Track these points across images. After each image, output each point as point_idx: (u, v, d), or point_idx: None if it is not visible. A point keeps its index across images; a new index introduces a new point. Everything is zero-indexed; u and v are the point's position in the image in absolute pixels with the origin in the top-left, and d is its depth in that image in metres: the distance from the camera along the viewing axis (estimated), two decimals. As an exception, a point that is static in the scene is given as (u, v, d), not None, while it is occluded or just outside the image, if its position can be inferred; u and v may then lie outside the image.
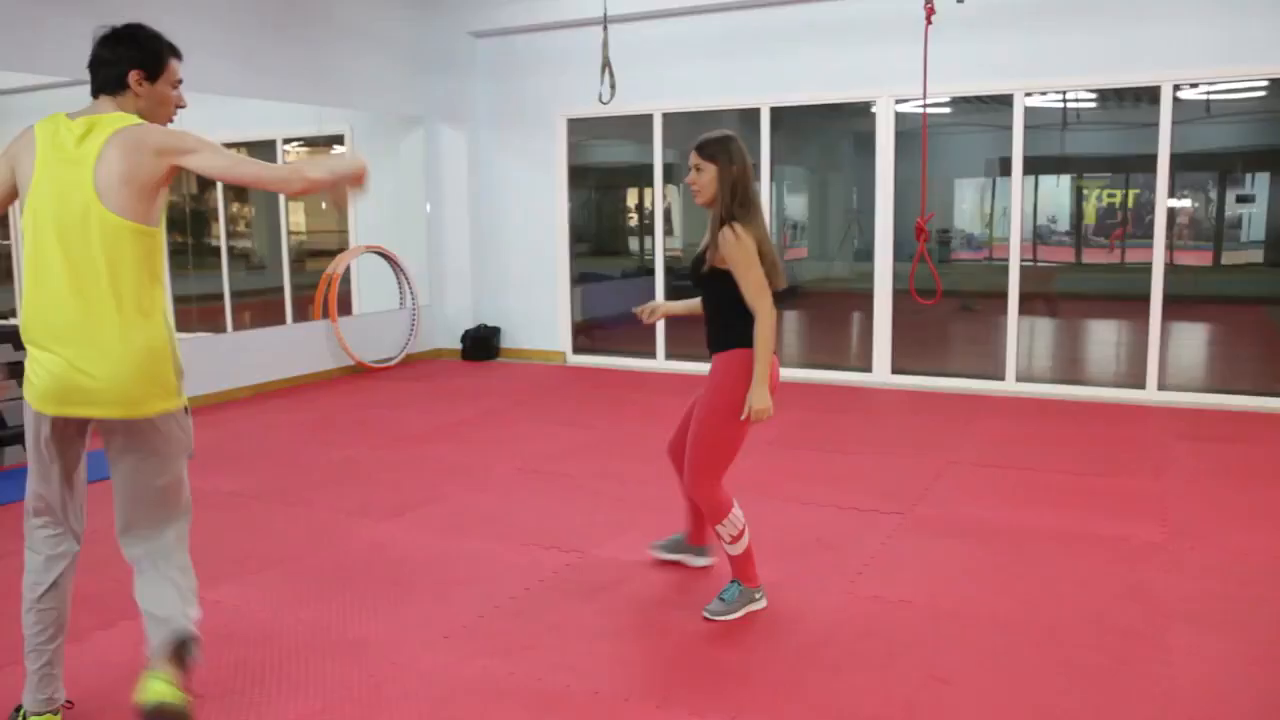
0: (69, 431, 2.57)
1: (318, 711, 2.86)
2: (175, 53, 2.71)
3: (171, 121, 2.71)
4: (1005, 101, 7.39)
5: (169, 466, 2.61)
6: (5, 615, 3.53)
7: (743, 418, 3.32)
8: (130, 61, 2.58)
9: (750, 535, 3.51)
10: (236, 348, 7.86)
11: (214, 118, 9.37)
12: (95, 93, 2.61)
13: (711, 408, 3.42)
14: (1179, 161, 7.15)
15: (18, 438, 5.70)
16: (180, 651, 2.49)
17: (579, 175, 9.34)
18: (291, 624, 3.48)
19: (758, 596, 3.52)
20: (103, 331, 2.42)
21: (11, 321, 6.06)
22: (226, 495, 5.03)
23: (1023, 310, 7.49)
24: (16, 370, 5.74)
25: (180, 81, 2.72)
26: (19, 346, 5.75)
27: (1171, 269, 7.21)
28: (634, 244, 11.19)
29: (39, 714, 2.66)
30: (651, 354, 8.88)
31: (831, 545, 4.20)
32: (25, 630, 2.66)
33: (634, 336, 9.09)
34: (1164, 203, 6.94)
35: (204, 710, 2.87)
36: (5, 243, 12.01)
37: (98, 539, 3.92)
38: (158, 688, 2.40)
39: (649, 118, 8.60)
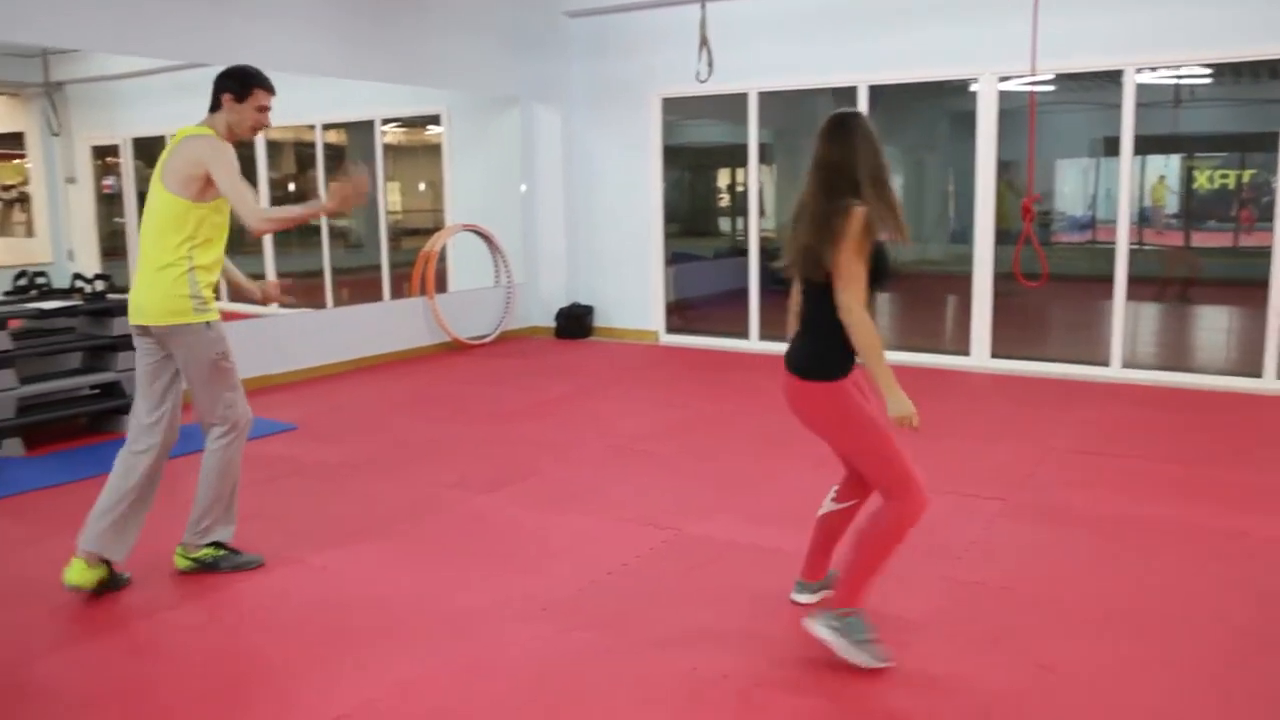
0: (142, 340, 3.54)
1: (418, 677, 2.93)
2: (264, 84, 3.59)
3: (253, 135, 3.66)
4: (1111, 78, 7.13)
5: (192, 365, 3.52)
6: (138, 568, 3.69)
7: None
8: (225, 89, 3.55)
9: (819, 532, 3.36)
10: (336, 323, 8.06)
11: (314, 100, 9.61)
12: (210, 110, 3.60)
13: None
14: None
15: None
16: (193, 549, 3.62)
17: (671, 155, 9.32)
18: (392, 592, 3.57)
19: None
20: (140, 268, 3.50)
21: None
22: (328, 466, 5.17)
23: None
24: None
25: (265, 108, 3.60)
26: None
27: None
28: (725, 224, 11.13)
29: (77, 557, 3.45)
30: (744, 334, 8.84)
31: (931, 530, 4.12)
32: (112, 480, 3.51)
33: (726, 317, 9.06)
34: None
35: (308, 673, 2.97)
36: (120, 220, 12.48)
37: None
38: (178, 559, 3.61)
39: (743, 97, 8.53)
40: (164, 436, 3.57)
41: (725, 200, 10.97)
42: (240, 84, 3.54)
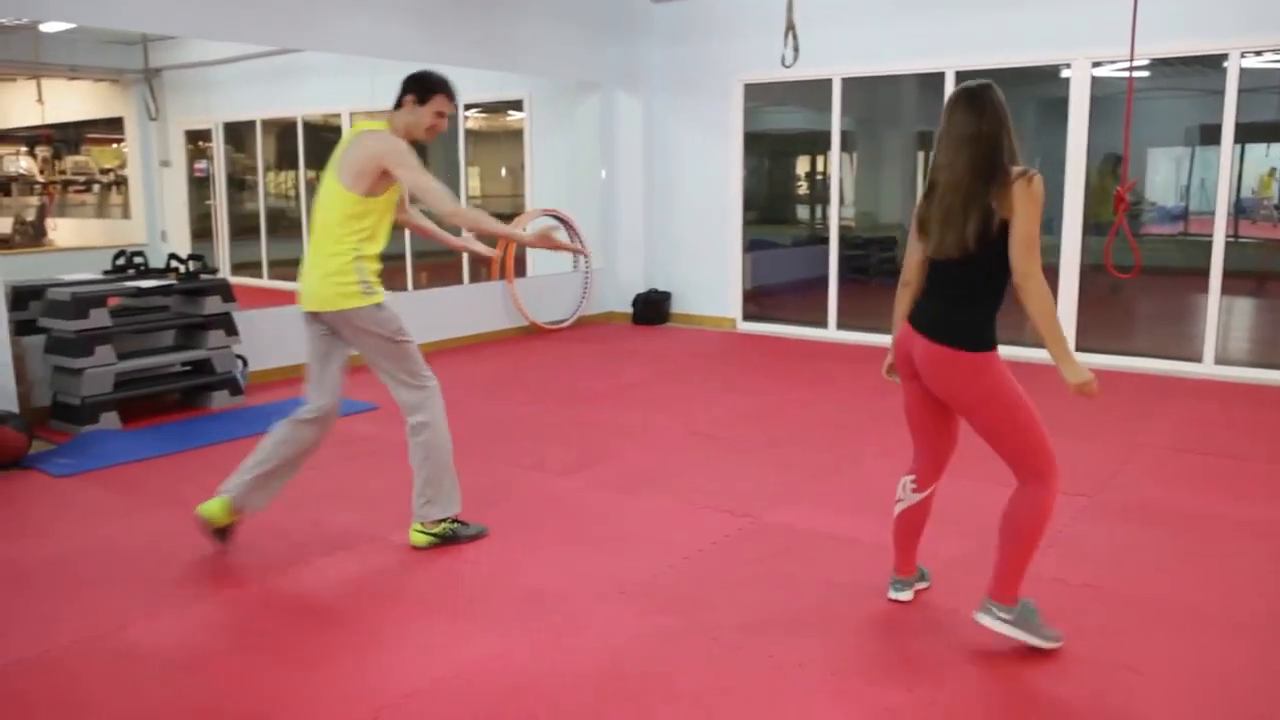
0: (312, 326, 3.72)
1: (498, 654, 2.97)
2: (447, 91, 3.75)
3: (429, 139, 3.79)
4: (1210, 64, 6.88)
5: (369, 346, 3.67)
6: (188, 553, 3.81)
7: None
8: (409, 90, 3.71)
9: (911, 527, 3.30)
10: (416, 306, 8.18)
11: (398, 85, 9.74)
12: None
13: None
14: None
15: (224, 384, 6.12)
16: (430, 525, 3.78)
17: (751, 141, 9.26)
18: (471, 571, 3.63)
19: (890, 583, 3.35)
20: (310, 257, 3.65)
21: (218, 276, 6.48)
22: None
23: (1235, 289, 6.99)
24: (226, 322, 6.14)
25: (443, 114, 3.74)
26: (227, 298, 6.16)
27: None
28: (804, 212, 11.03)
29: (220, 497, 3.68)
30: (823, 323, 8.76)
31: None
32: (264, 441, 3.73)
33: (804, 305, 8.99)
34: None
35: (384, 648, 3.03)
36: (210, 203, 12.82)
37: (292, 481, 4.14)
38: (413, 535, 3.79)
39: (827, 83, 8.43)
40: (324, 415, 3.75)
41: (804, 188, 10.86)
42: (424, 88, 3.69)
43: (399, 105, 3.71)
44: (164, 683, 2.83)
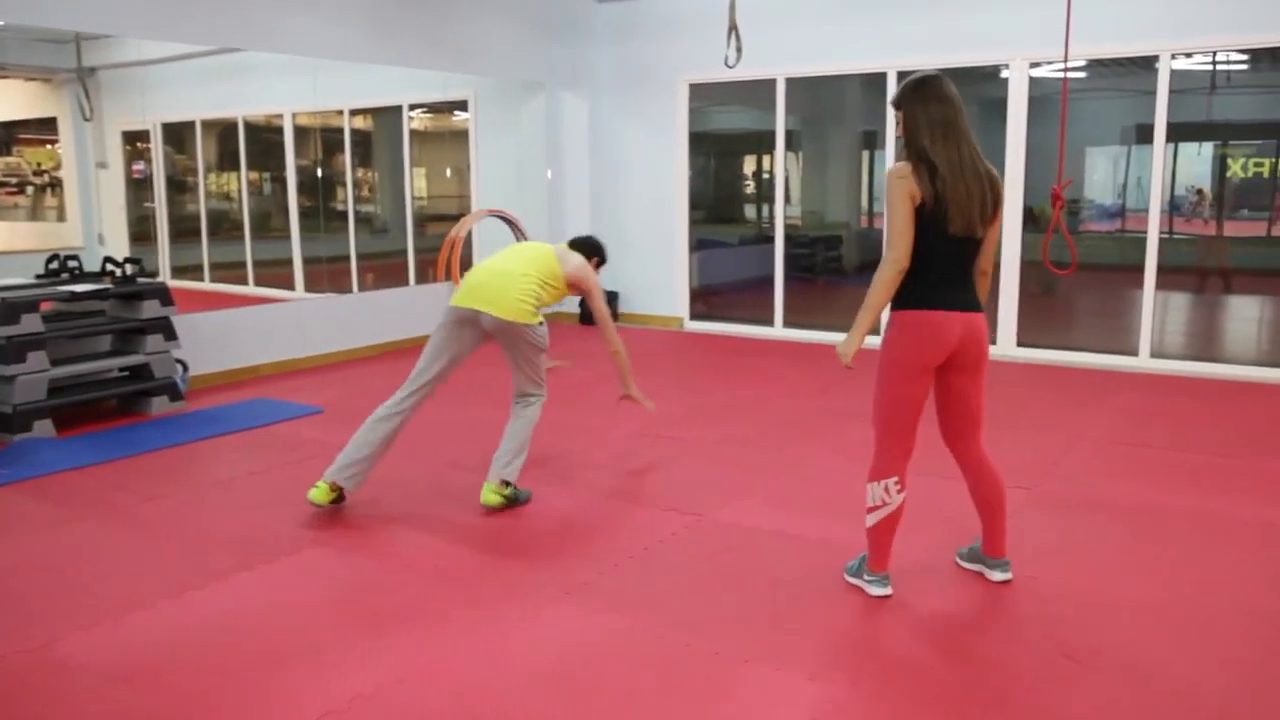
0: (461, 324, 4.39)
1: (443, 657, 2.95)
2: (605, 259, 4.84)
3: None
4: (1144, 65, 7.04)
5: (523, 350, 4.34)
6: (167, 547, 3.74)
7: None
8: (591, 254, 4.73)
9: (896, 525, 3.33)
10: (362, 308, 8.11)
11: (343, 84, 9.64)
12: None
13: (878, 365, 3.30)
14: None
15: (164, 389, 6.01)
16: (502, 486, 4.18)
17: (697, 141, 9.29)
18: (415, 575, 3.59)
19: (870, 580, 3.36)
20: (501, 276, 4.38)
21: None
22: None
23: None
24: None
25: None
26: (166, 302, 6.03)
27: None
28: (750, 211, 11.09)
29: (325, 483, 4.15)
30: (769, 321, 8.82)
31: (954, 519, 4.12)
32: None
33: (751, 303, 9.03)
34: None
35: (329, 653, 3.00)
36: (150, 205, 12.57)
37: (234, 485, 4.12)
38: (488, 495, 4.16)
39: (771, 83, 8.48)
40: (412, 408, 4.28)
41: (751, 187, 10.92)
42: (599, 253, 4.81)
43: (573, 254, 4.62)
44: (102, 697, 2.77)
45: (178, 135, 12.34)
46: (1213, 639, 3.06)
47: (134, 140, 12.64)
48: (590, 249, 4.73)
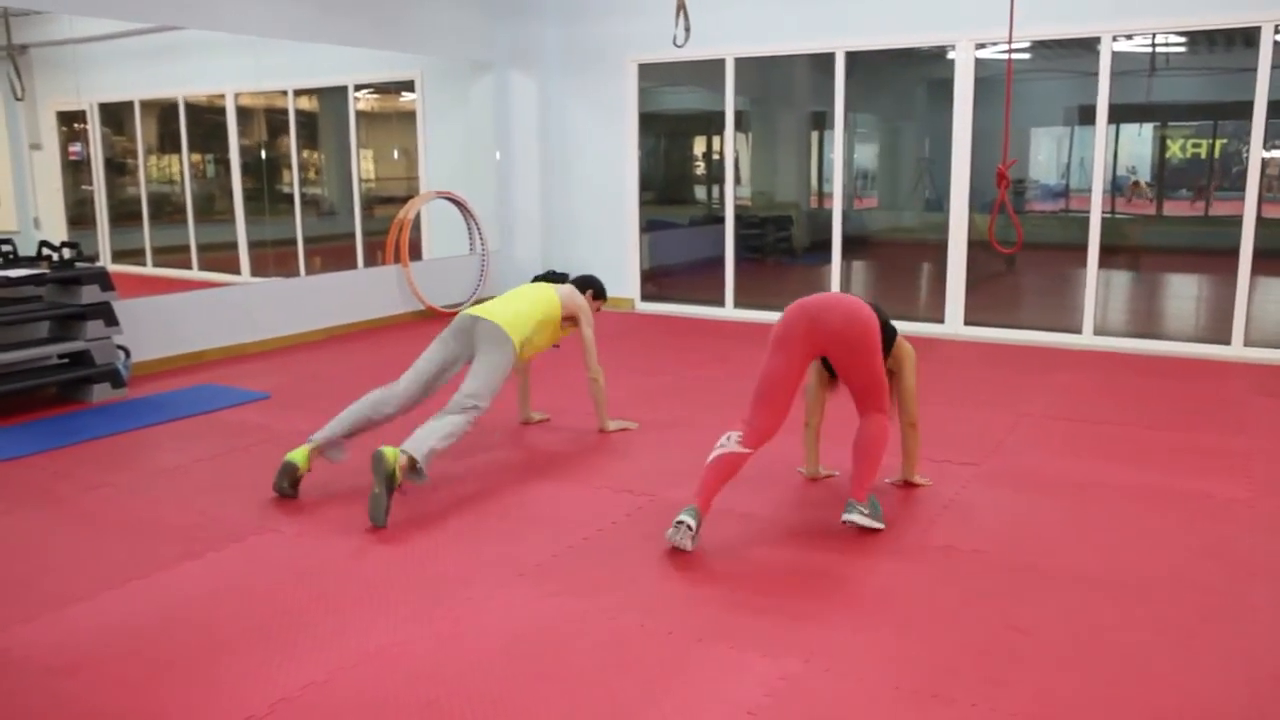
0: (461, 331, 4.55)
1: (397, 642, 2.93)
2: (604, 297, 5.36)
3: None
4: (1087, 46, 7.15)
5: (495, 360, 4.41)
6: (110, 537, 3.67)
7: None
8: (586, 288, 5.24)
9: (710, 465, 3.69)
10: (309, 291, 7.99)
11: (286, 64, 9.47)
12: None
13: None
14: (1275, 110, 6.86)
15: (105, 376, 5.88)
16: (411, 461, 3.96)
17: (647, 122, 9.27)
18: (367, 560, 3.57)
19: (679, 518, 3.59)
20: (512, 300, 4.77)
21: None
22: (300, 435, 5.12)
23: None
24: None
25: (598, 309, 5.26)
26: (106, 287, 5.89)
27: (1262, 223, 6.95)
28: (700, 192, 11.10)
29: (310, 445, 4.25)
30: (720, 302, 8.85)
31: (904, 494, 4.18)
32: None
33: (702, 284, 9.05)
34: (1259, 153, 6.68)
35: (280, 640, 2.97)
36: (88, 188, 12.29)
37: (180, 473, 4.07)
38: (390, 452, 3.88)
39: (720, 63, 8.48)
40: (398, 412, 4.42)
41: (701, 168, 10.93)
42: (600, 292, 5.31)
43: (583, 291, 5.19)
44: (45, 691, 2.71)
45: (116, 116, 12.04)
46: (1150, 607, 3.14)
47: (70, 121, 12.31)
48: (586, 284, 5.22)
